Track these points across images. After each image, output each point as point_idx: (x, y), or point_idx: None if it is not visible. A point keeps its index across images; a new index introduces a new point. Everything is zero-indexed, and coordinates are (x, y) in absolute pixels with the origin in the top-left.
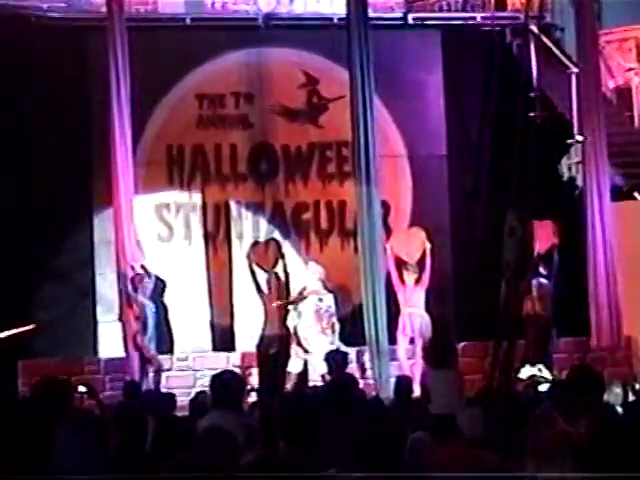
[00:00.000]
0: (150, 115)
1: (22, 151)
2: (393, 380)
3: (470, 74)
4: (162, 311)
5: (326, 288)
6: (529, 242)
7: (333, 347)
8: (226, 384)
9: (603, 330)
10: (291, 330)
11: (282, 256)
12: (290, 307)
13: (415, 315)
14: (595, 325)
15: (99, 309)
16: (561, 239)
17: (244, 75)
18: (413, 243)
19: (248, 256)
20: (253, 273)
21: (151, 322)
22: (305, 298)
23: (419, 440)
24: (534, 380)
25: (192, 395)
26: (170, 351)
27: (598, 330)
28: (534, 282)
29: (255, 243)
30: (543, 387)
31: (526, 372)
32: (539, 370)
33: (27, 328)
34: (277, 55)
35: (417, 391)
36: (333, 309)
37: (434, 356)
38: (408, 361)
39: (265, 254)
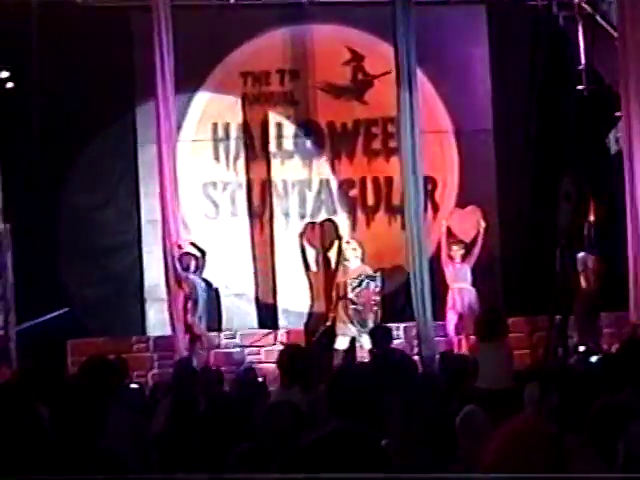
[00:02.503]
0: (195, 94)
1: (68, 134)
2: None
3: (516, 48)
4: (211, 289)
5: (368, 265)
6: (585, 208)
7: (379, 323)
8: (293, 359)
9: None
10: (338, 308)
11: (339, 238)
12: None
13: (464, 290)
14: (633, 300)
15: (147, 288)
16: (603, 215)
17: (289, 52)
18: (469, 222)
19: (301, 234)
20: (303, 251)
21: (201, 300)
22: (358, 276)
23: (472, 414)
24: (586, 352)
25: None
26: (218, 329)
27: (636, 305)
28: (578, 256)
29: (312, 223)
30: (594, 359)
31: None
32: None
33: (62, 311)
34: (322, 32)
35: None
36: (379, 287)
37: (484, 328)
38: (457, 337)
39: (321, 234)
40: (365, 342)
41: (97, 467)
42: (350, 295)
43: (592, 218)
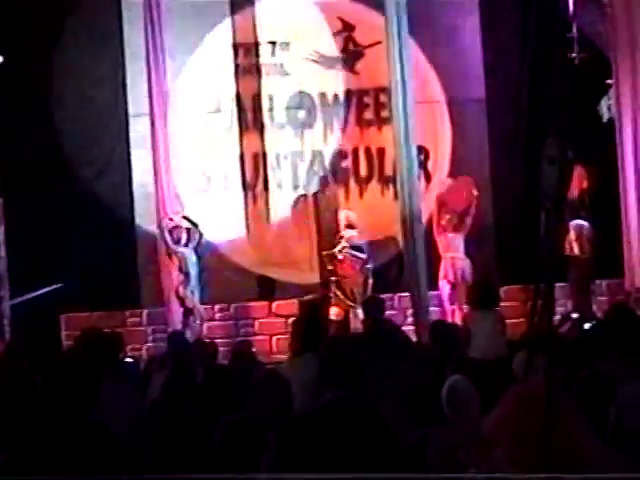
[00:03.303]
0: (185, 65)
1: (58, 104)
2: None
3: (507, 16)
4: (203, 261)
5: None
6: (569, 171)
7: (371, 294)
8: (306, 327)
9: (636, 272)
10: (332, 278)
11: (333, 208)
12: (334, 255)
13: (457, 260)
14: (628, 267)
15: (140, 261)
16: (598, 182)
17: (279, 23)
18: (462, 191)
19: (294, 205)
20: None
21: (193, 273)
22: (346, 247)
23: (457, 383)
24: (579, 319)
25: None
26: (211, 301)
27: (631, 272)
28: (572, 224)
29: (304, 195)
30: (587, 326)
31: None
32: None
33: (56, 286)
34: (312, 2)
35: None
36: (364, 257)
37: (477, 297)
38: (451, 307)
39: (314, 205)
40: (360, 313)
41: (88, 439)
42: (332, 267)
43: (585, 185)
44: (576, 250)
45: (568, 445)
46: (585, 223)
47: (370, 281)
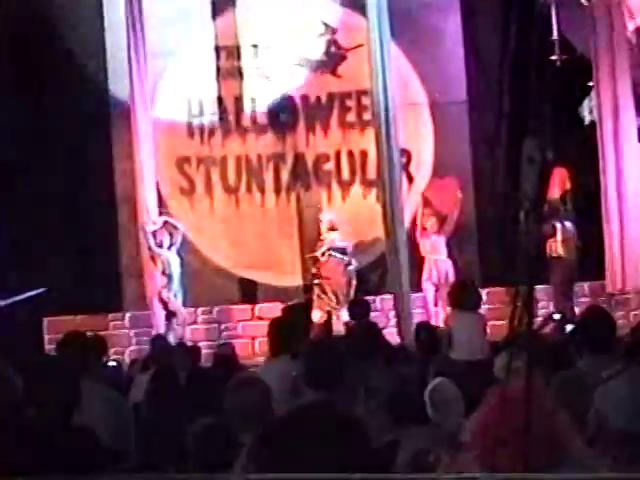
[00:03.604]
0: (168, 68)
1: (39, 105)
2: None
3: (489, 18)
4: (186, 264)
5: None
6: (548, 172)
7: (355, 297)
8: (281, 329)
9: (617, 274)
10: (315, 281)
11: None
12: (317, 258)
13: (440, 262)
14: (609, 269)
15: (123, 265)
16: (580, 184)
17: (262, 26)
18: (447, 193)
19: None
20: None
21: (176, 276)
22: (328, 250)
23: (441, 386)
24: (561, 320)
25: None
26: (194, 304)
27: (612, 274)
28: (558, 225)
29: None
30: (569, 327)
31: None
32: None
33: (39, 291)
34: (294, 4)
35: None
36: (347, 259)
37: (457, 297)
38: (434, 308)
39: (298, 209)
40: (343, 315)
41: (68, 442)
42: (315, 269)
43: (568, 187)
44: (561, 252)
45: (550, 446)
46: (570, 224)
47: (354, 283)
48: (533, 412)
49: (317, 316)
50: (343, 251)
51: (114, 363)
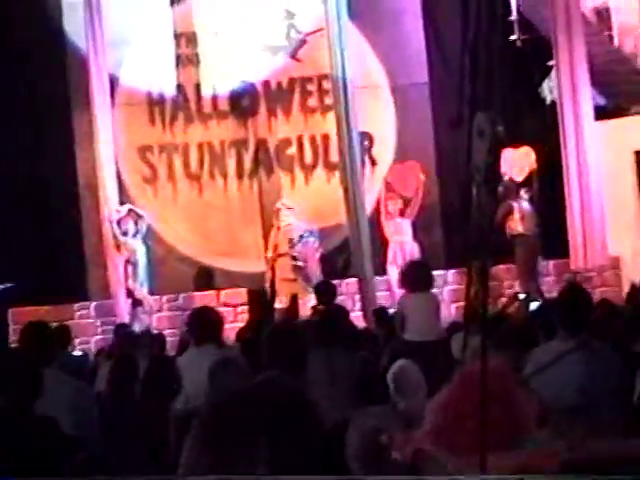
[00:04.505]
0: (127, 57)
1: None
2: None
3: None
4: (151, 252)
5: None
6: (499, 144)
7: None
8: (203, 319)
9: (580, 252)
10: (280, 266)
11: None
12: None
13: (405, 244)
14: (573, 247)
15: (87, 254)
16: (543, 163)
17: (222, 12)
18: (409, 176)
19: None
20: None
21: (142, 264)
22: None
23: (404, 368)
24: (526, 299)
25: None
26: (160, 292)
27: (575, 252)
28: (515, 205)
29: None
30: (533, 306)
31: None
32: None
33: (6, 286)
34: None
35: None
36: (317, 243)
37: (409, 279)
38: (399, 291)
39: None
40: (309, 299)
41: (29, 431)
42: (292, 252)
43: (534, 166)
44: (520, 229)
45: (510, 423)
46: (527, 204)
47: (320, 266)
48: (491, 390)
49: (282, 301)
50: (309, 233)
51: (80, 352)
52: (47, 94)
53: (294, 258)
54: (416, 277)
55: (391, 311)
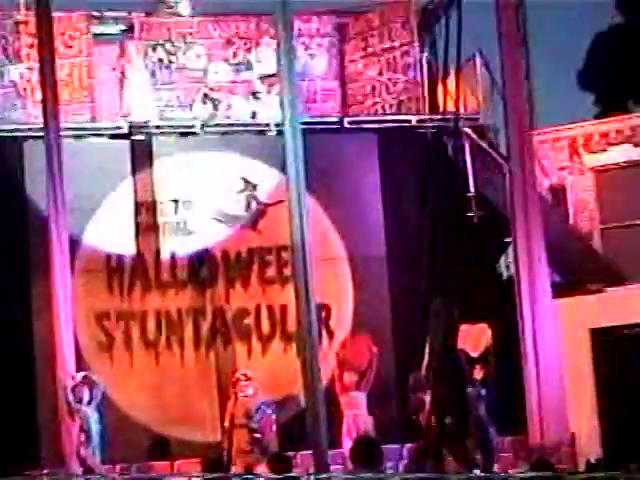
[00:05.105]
0: (88, 224)
1: None
2: None
3: (407, 175)
4: (105, 420)
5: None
6: (454, 325)
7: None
8: None
9: (538, 428)
10: (236, 437)
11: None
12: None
13: (360, 417)
14: (531, 423)
15: (41, 420)
16: (499, 340)
17: (182, 181)
18: (361, 349)
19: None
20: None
21: (95, 432)
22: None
23: None
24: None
25: None
26: (112, 461)
27: (533, 429)
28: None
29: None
30: None
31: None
32: None
33: None
34: (215, 161)
35: None
36: (274, 414)
37: (357, 455)
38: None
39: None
40: (263, 470)
41: None
42: (250, 424)
43: (490, 343)
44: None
45: None
46: (475, 391)
47: (276, 438)
48: None
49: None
50: (267, 405)
51: None
52: (6, 261)
53: (253, 430)
54: (364, 454)
55: None
